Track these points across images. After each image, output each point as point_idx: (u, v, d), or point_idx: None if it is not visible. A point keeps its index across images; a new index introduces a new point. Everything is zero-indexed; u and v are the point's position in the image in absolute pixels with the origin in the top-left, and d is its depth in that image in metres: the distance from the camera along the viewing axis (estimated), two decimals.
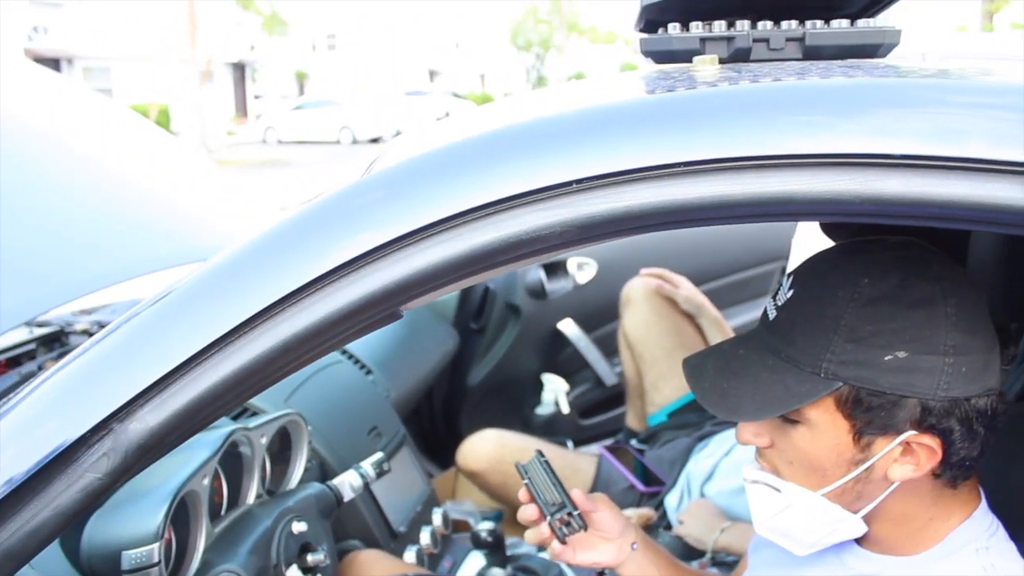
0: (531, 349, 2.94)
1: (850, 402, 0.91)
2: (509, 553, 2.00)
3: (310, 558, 1.40)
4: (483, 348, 2.88)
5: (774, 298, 0.99)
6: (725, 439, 2.22)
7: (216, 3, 25.98)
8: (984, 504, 1.02)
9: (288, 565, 1.37)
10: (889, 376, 0.89)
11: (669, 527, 2.17)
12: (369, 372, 2.14)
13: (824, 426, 0.93)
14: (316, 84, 39.39)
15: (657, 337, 2.49)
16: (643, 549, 1.26)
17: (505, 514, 2.47)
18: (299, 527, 1.40)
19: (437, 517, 1.98)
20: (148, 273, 1.87)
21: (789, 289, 0.97)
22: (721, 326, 2.48)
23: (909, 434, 0.91)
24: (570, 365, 3.03)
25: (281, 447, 1.62)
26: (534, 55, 48.05)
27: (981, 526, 1.00)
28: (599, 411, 3.05)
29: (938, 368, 0.88)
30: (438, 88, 35.00)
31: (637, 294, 2.56)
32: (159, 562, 1.20)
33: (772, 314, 0.98)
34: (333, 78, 39.25)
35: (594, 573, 1.97)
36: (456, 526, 2.18)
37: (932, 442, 0.91)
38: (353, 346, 2.17)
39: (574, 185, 0.80)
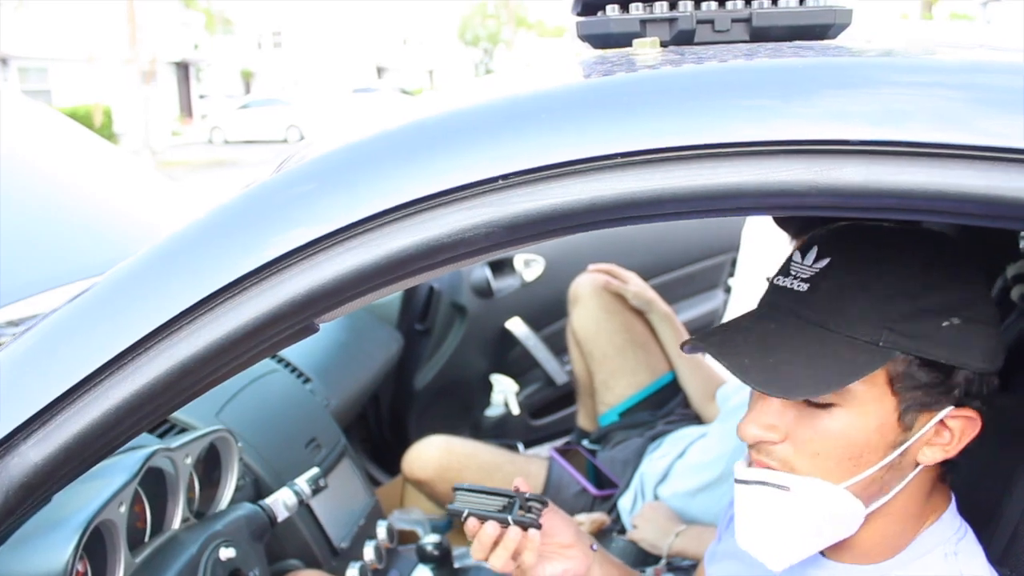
0: (479, 349, 2.86)
1: (903, 375, 0.86)
2: (458, 565, 1.91)
3: None
4: (429, 350, 2.79)
5: (787, 272, 0.93)
6: (679, 439, 2.16)
7: (158, 2, 25.47)
8: (954, 505, 0.97)
9: None
10: (945, 346, 0.85)
11: (623, 531, 2.10)
12: (307, 380, 2.05)
13: (869, 404, 0.86)
14: (262, 83, 38.89)
15: (607, 334, 2.43)
16: (600, 555, 1.19)
17: (454, 523, 2.39)
18: (227, 553, 1.30)
19: (382, 530, 1.89)
20: (80, 280, 1.76)
21: (817, 259, 0.90)
22: (672, 321, 2.42)
23: (949, 409, 0.87)
24: (519, 365, 2.96)
25: (211, 465, 1.52)
26: (482, 50, 47.95)
27: (951, 528, 0.94)
28: (550, 411, 2.98)
29: (986, 337, 0.86)
30: (386, 85, 34.71)
31: (585, 291, 2.49)
32: None
33: (801, 286, 0.90)
34: (280, 76, 38.79)
35: None
36: (404, 537, 2.09)
37: (973, 415, 0.88)
38: (289, 353, 2.07)
39: (500, 181, 0.73)
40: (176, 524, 1.39)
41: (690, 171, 0.71)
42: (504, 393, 2.86)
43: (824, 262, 0.89)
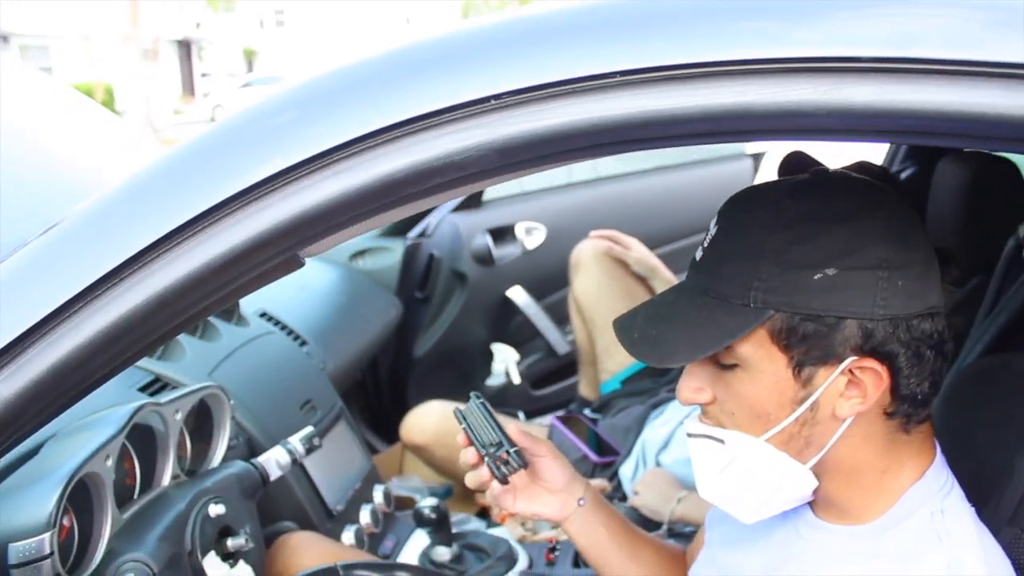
0: (479, 318, 2.82)
1: (784, 331, 0.84)
2: (456, 530, 1.89)
3: (230, 543, 1.28)
4: (429, 318, 2.76)
5: (704, 241, 0.93)
6: (681, 406, 2.12)
7: None
8: (940, 459, 0.94)
9: (205, 552, 1.24)
10: (822, 297, 0.82)
11: (624, 498, 2.07)
12: (303, 343, 2.01)
13: (761, 363, 0.86)
14: (264, 61, 38.71)
15: (609, 300, 2.39)
16: (593, 507, 1.17)
17: (454, 489, 2.36)
18: (217, 509, 1.27)
19: (378, 494, 1.86)
20: None
21: (715, 226, 0.91)
22: None
23: (851, 360, 0.84)
24: (520, 334, 2.93)
25: (202, 423, 1.49)
26: None
27: (936, 483, 0.91)
28: (551, 381, 2.95)
29: (872, 283, 0.82)
30: None
31: (586, 257, 2.46)
32: (51, 553, 1.07)
33: (699, 255, 0.92)
34: (282, 55, 38.61)
35: (544, 548, 1.89)
36: (402, 503, 2.06)
37: (877, 367, 0.84)
38: (286, 316, 2.04)
39: (492, 102, 0.69)
40: (166, 481, 1.36)
41: (693, 90, 0.67)
42: (505, 362, 2.82)
43: (715, 229, 0.91)
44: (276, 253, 0.74)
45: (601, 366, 2.44)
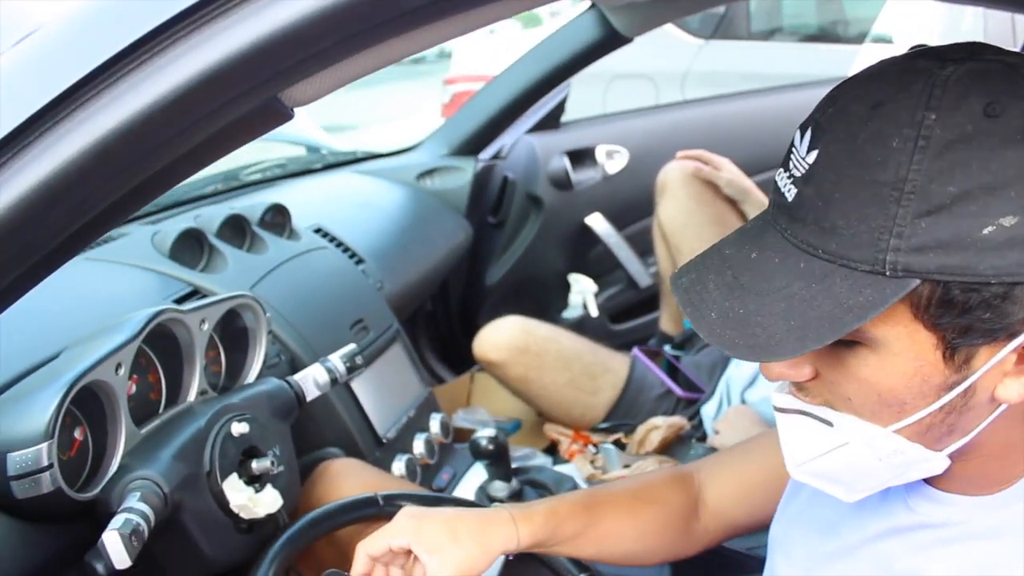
0: (555, 246, 2.65)
1: (935, 305, 0.61)
2: (519, 465, 1.75)
3: (255, 465, 1.15)
4: (502, 244, 2.60)
5: (787, 168, 0.67)
6: None
7: None
8: None
9: (226, 474, 1.12)
10: (992, 256, 0.59)
11: (703, 438, 1.91)
12: (360, 261, 1.88)
13: (897, 344, 0.64)
14: None
15: (697, 227, 2.19)
16: (532, 536, 0.99)
17: (524, 422, 2.23)
18: (240, 428, 1.14)
19: (435, 424, 1.73)
20: None
21: (809, 149, 0.64)
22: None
23: None
24: (599, 265, 2.75)
25: (240, 339, 1.37)
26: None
27: None
28: (631, 316, 2.77)
29: None
30: None
31: (673, 179, 2.26)
32: (50, 465, 0.97)
33: (789, 192, 0.65)
34: None
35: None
36: (463, 436, 1.93)
37: None
38: (342, 233, 1.91)
39: None
40: (192, 397, 1.24)
41: None
42: (583, 294, 2.66)
43: (814, 153, 0.64)
44: (248, 90, 0.58)
45: None
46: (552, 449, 2.01)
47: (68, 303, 1.32)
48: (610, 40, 2.10)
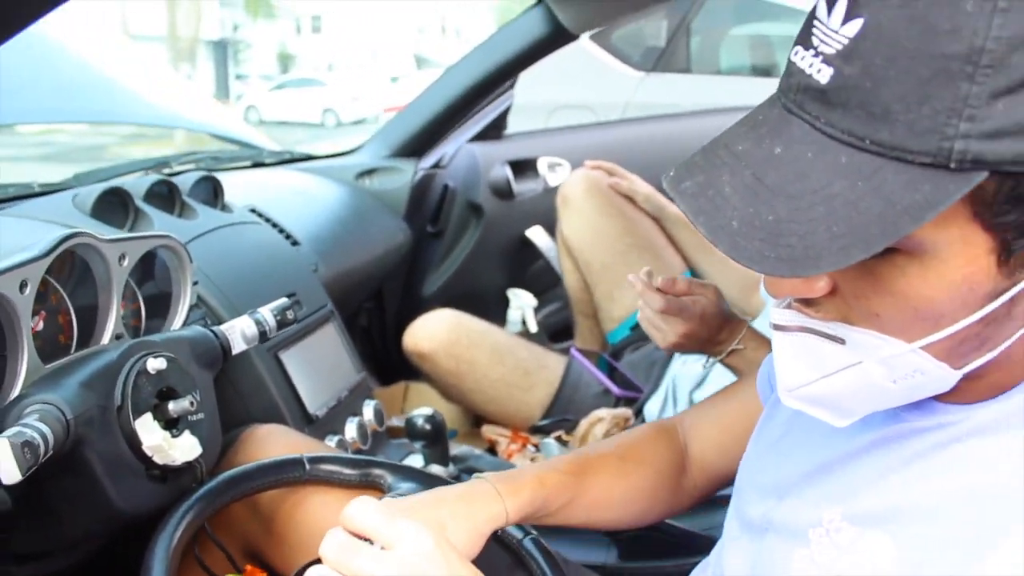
0: (495, 258, 2.60)
1: (1003, 199, 0.54)
2: (455, 453, 1.66)
3: (172, 406, 1.05)
4: (441, 254, 2.53)
5: (807, 45, 0.58)
6: None
7: None
8: None
9: (139, 412, 1.02)
10: None
11: None
12: (295, 243, 1.80)
13: (949, 250, 0.57)
14: (300, 67, 38.87)
15: (608, 240, 2.12)
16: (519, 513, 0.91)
17: (460, 431, 2.14)
18: (156, 364, 1.04)
19: (368, 410, 1.63)
20: None
21: (847, 19, 0.55)
22: (687, 222, 2.13)
23: None
24: (539, 281, 2.70)
25: (163, 294, 1.27)
26: None
27: None
28: (571, 334, 2.70)
29: None
30: (424, 76, 34.44)
31: (576, 192, 2.17)
32: None
33: (820, 74, 0.56)
34: (317, 59, 38.74)
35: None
36: (396, 433, 1.84)
37: None
38: (278, 216, 1.83)
39: None
40: (106, 340, 1.14)
41: None
42: (522, 309, 2.59)
43: (856, 23, 0.54)
44: None
45: (604, 314, 2.18)
46: (491, 451, 1.92)
47: None
48: (557, 37, 2.08)
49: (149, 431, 1.02)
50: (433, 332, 1.93)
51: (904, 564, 0.64)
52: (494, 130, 2.61)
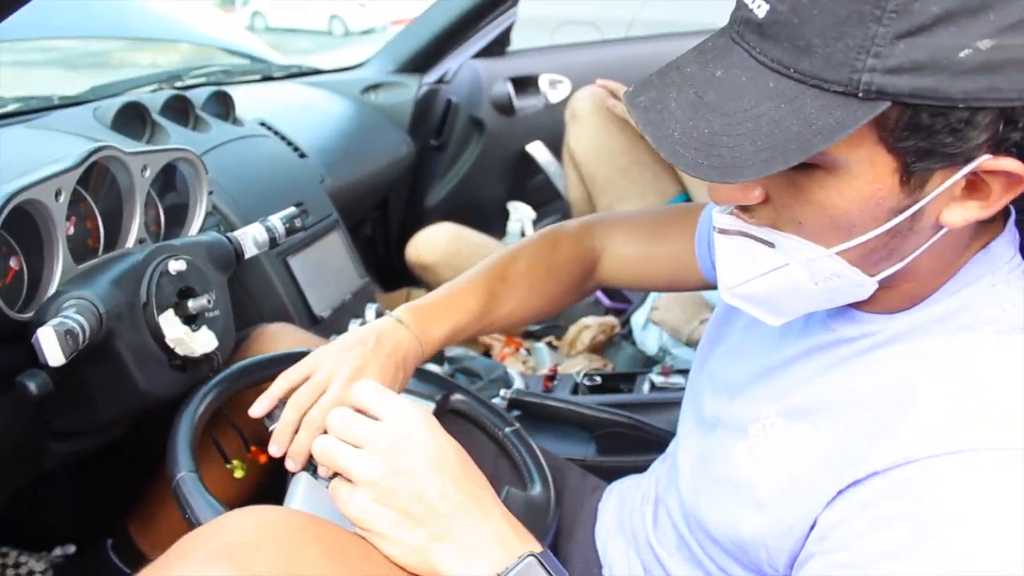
0: (496, 172, 2.69)
1: (902, 127, 0.63)
2: (450, 355, 1.78)
3: (191, 304, 1.16)
4: (444, 167, 2.62)
5: None
6: None
7: None
8: (1010, 227, 0.77)
9: (162, 308, 1.13)
10: (964, 80, 0.60)
11: (633, 344, 1.96)
12: (303, 156, 1.89)
13: (858, 167, 0.65)
14: None
15: (610, 155, 2.23)
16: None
17: None
18: (177, 266, 1.15)
19: (370, 312, 1.74)
20: None
21: None
22: None
23: (982, 160, 0.64)
24: (538, 194, 2.80)
25: (179, 203, 1.38)
26: None
27: (1002, 256, 0.75)
28: None
29: None
30: None
31: (584, 107, 2.27)
32: None
33: (759, 8, 0.64)
34: None
35: (543, 379, 1.78)
36: None
37: (1016, 167, 0.65)
38: (286, 129, 1.92)
39: None
40: (130, 244, 1.25)
41: None
42: (521, 221, 2.70)
43: None
44: None
45: None
46: (485, 355, 2.05)
47: (3, 162, 1.32)
48: None
49: (171, 325, 1.14)
50: (434, 244, 2.04)
51: (824, 453, 0.77)
52: (497, 46, 2.67)
